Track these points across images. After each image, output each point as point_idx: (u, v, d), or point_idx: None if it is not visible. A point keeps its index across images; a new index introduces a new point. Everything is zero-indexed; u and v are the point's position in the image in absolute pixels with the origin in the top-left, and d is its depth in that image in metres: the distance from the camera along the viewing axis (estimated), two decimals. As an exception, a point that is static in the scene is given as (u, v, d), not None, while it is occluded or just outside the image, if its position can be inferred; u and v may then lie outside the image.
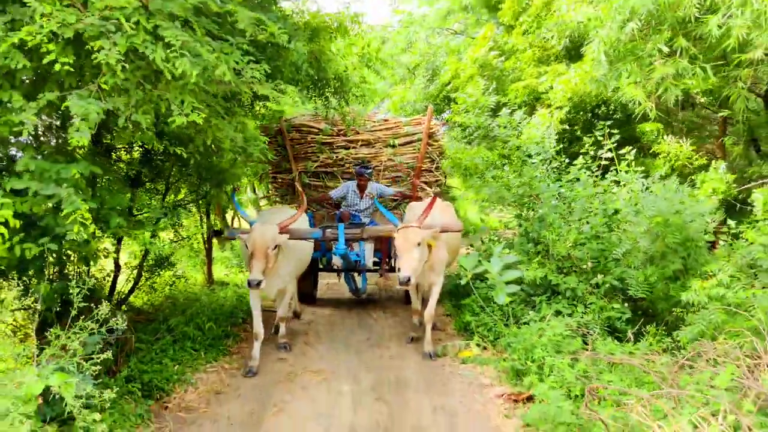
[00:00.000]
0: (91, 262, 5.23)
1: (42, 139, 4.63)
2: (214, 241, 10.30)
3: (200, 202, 8.26)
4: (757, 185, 6.80)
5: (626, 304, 5.86)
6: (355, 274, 8.68)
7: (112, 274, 6.84)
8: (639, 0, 5.32)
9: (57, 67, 3.41)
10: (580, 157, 7.21)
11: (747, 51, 5.51)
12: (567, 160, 7.59)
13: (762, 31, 5.10)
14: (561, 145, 7.78)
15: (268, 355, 6.47)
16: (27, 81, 3.82)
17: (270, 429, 4.65)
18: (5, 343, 3.57)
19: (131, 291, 7.29)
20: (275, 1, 6.34)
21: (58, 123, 4.65)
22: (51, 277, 5.16)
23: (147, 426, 4.65)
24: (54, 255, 4.43)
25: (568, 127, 8.71)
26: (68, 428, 3.39)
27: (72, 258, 5.12)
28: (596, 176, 7.02)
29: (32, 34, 3.29)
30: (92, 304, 3.94)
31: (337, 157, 9.06)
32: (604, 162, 7.20)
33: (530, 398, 4.83)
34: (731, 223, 5.68)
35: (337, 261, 7.96)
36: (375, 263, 8.34)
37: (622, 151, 7.04)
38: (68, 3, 3.55)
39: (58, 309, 4.88)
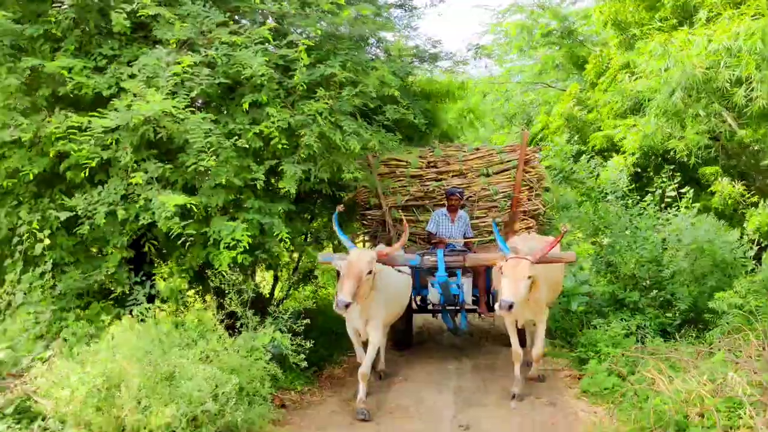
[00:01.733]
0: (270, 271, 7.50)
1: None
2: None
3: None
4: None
5: (677, 313, 7.34)
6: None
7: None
8: (680, 76, 6.96)
9: (278, 146, 5.62)
10: (648, 195, 8.76)
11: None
12: (638, 197, 9.11)
13: (777, 102, 6.59)
14: (635, 185, 9.32)
15: (388, 351, 7.53)
16: (255, 152, 6.06)
17: (398, 389, 6.60)
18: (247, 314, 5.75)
19: (286, 296, 9.55)
20: (401, 78, 8.47)
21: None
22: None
23: (312, 384, 6.75)
24: (264, 262, 6.68)
25: (640, 170, 10.23)
26: (282, 364, 5.55)
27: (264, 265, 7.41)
28: (659, 210, 8.53)
29: (268, 127, 5.52)
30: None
31: (427, 189, 8.74)
32: (667, 199, 8.70)
33: (588, 377, 6.49)
34: (769, 251, 7.13)
35: (433, 297, 7.38)
36: (473, 301, 7.77)
37: (683, 190, 8.55)
38: (283, 105, 5.79)
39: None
